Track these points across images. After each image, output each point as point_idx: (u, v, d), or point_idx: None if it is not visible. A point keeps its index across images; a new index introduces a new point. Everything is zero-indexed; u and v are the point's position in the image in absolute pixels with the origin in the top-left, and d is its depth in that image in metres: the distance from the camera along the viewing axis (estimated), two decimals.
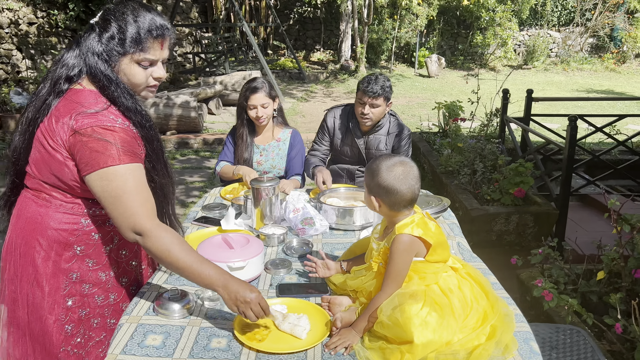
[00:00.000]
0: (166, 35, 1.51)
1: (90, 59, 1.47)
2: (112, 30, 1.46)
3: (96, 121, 1.41)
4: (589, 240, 3.21)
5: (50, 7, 9.93)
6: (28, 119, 1.52)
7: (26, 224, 1.54)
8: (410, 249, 1.42)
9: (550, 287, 2.08)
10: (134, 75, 1.51)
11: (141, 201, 1.44)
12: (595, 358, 1.84)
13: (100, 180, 1.41)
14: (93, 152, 1.39)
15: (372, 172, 1.48)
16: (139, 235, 1.43)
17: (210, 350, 1.40)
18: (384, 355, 1.36)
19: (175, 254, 1.42)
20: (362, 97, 2.78)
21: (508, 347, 1.40)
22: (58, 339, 1.55)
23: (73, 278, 1.56)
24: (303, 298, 1.66)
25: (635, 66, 14.66)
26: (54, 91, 1.49)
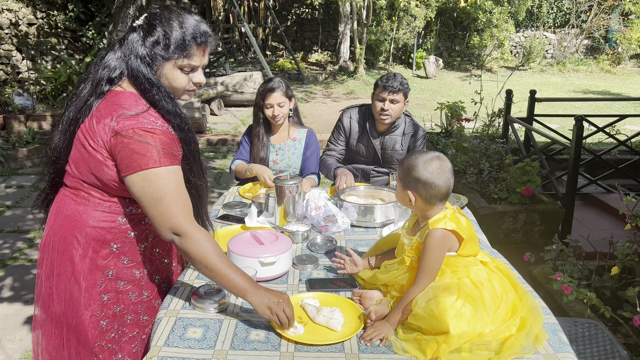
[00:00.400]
0: (209, 42, 1.54)
1: (133, 62, 1.49)
2: (157, 35, 1.48)
3: (137, 123, 1.44)
4: (594, 238, 3.28)
5: (50, 8, 9.94)
6: (69, 119, 1.54)
7: (65, 221, 1.57)
8: (444, 243, 1.47)
9: (569, 281, 2.14)
10: (176, 79, 1.54)
11: (181, 203, 1.47)
12: (614, 350, 1.89)
13: (141, 182, 1.44)
14: (134, 154, 1.43)
15: (408, 167, 1.53)
16: (178, 236, 1.47)
17: (250, 342, 1.44)
18: (419, 346, 1.41)
19: (211, 258, 1.46)
20: (381, 92, 2.82)
21: (538, 337, 1.45)
22: (93, 334, 1.59)
23: (109, 275, 1.59)
24: (333, 292, 1.70)
25: (630, 67, 14.82)
26: (96, 92, 1.52)
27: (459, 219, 1.51)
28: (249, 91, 9.65)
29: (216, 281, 1.50)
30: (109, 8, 9.51)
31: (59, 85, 8.72)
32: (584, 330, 2.02)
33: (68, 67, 8.99)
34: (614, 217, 4.56)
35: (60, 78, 8.68)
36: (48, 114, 7.20)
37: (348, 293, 1.71)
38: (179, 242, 1.47)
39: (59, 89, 8.77)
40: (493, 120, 5.63)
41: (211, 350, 1.40)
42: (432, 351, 1.38)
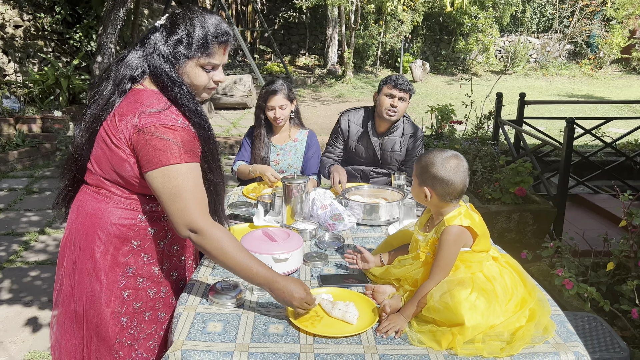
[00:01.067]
0: (229, 41, 1.58)
1: (156, 61, 1.52)
2: (180, 34, 1.52)
3: (159, 120, 1.47)
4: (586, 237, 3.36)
5: (37, 10, 9.83)
6: (92, 117, 1.57)
7: (87, 218, 1.58)
8: (459, 239, 1.52)
9: (570, 276, 2.21)
10: (197, 77, 1.57)
11: (198, 200, 1.50)
12: (614, 342, 1.96)
13: (162, 178, 1.47)
14: (156, 150, 1.45)
15: (425, 164, 1.58)
16: (194, 233, 1.49)
17: (269, 336, 1.48)
18: (435, 337, 1.45)
19: (229, 252, 1.50)
20: (392, 89, 2.90)
21: (547, 328, 1.50)
22: (114, 330, 1.60)
23: (129, 272, 1.61)
24: (345, 287, 1.74)
25: (611, 72, 15.12)
26: (118, 90, 1.54)
27: (472, 215, 1.56)
28: (238, 94, 9.67)
29: (235, 273, 1.53)
30: (97, 10, 9.45)
31: (46, 88, 8.64)
32: (584, 324, 2.09)
33: (55, 70, 8.92)
34: (602, 217, 4.68)
35: (48, 81, 8.60)
36: (38, 117, 7.15)
37: (359, 288, 1.75)
38: (196, 239, 1.50)
39: (46, 91, 8.69)
40: (483, 122, 5.73)
41: (233, 343, 1.44)
42: (447, 342, 1.43)
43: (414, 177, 1.63)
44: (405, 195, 2.42)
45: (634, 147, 6.31)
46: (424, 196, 1.59)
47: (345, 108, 3.24)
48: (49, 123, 7.12)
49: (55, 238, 4.29)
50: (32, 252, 4.02)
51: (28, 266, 3.78)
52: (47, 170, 6.29)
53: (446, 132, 5.94)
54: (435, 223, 1.60)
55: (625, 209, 2.37)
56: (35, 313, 3.17)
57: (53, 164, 6.54)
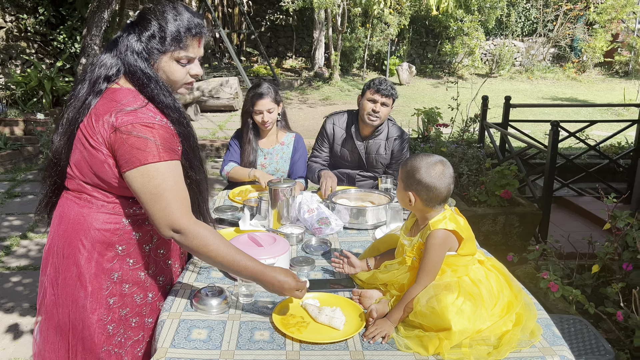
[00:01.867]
0: (203, 33, 1.56)
1: (130, 58, 1.49)
2: (152, 29, 1.49)
3: (136, 118, 1.44)
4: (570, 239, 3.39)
5: (19, 12, 9.70)
6: (68, 120, 1.54)
7: (69, 225, 1.55)
8: (444, 243, 1.51)
9: (555, 279, 2.22)
10: (173, 72, 1.55)
11: (180, 199, 1.47)
12: (599, 345, 1.97)
13: (141, 177, 1.44)
14: (133, 149, 1.42)
15: (411, 169, 1.57)
16: (177, 233, 1.46)
17: (255, 342, 1.46)
18: (422, 342, 1.45)
19: (215, 248, 1.48)
20: (374, 94, 2.88)
21: (533, 332, 1.50)
22: (100, 339, 1.57)
23: (114, 278, 1.58)
24: (332, 292, 1.73)
25: (594, 75, 15.32)
26: (93, 91, 1.51)
27: (457, 219, 1.56)
28: (225, 96, 9.62)
29: (224, 269, 1.52)
30: (81, 12, 9.35)
31: (29, 90, 8.52)
32: (570, 327, 2.10)
33: (38, 72, 8.79)
34: (586, 219, 4.73)
35: (31, 83, 8.48)
36: (20, 119, 7.04)
37: (347, 293, 1.74)
38: (180, 239, 1.47)
39: (29, 93, 8.56)
40: (469, 125, 5.76)
41: (217, 350, 1.42)
42: (434, 347, 1.42)
43: (399, 181, 1.62)
44: (392, 199, 2.42)
45: (617, 150, 6.39)
46: (408, 200, 1.58)
47: (331, 111, 3.23)
48: (31, 126, 7.02)
49: (37, 243, 4.22)
50: (13, 257, 3.94)
51: (9, 272, 3.71)
52: (30, 173, 6.20)
53: (432, 135, 5.96)
54: (421, 227, 1.60)
55: (610, 212, 2.40)
56: (16, 320, 3.11)
57: (36, 167, 6.44)
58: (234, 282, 1.78)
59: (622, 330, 2.29)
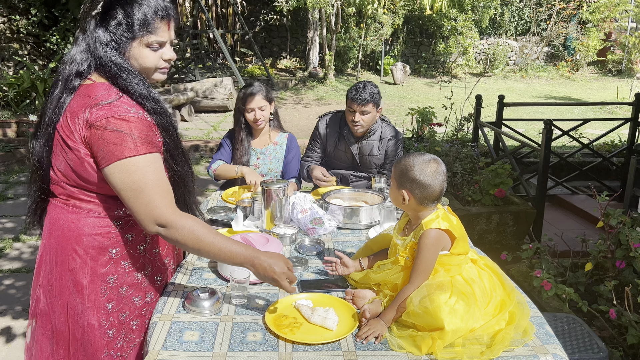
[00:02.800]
0: (171, 15, 1.52)
1: (99, 50, 1.46)
2: (118, 17, 1.45)
3: (110, 112, 1.40)
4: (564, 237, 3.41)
5: (12, 13, 9.66)
6: (45, 122, 1.50)
7: (60, 232, 1.52)
8: (437, 243, 1.51)
9: (548, 277, 2.22)
10: (145, 58, 1.51)
11: (162, 192, 1.43)
12: (592, 343, 1.97)
13: (119, 173, 1.40)
14: (109, 144, 1.39)
15: (404, 168, 1.57)
16: (163, 227, 1.43)
17: (247, 344, 1.45)
18: (414, 342, 1.44)
19: (204, 239, 1.45)
20: (351, 105, 2.85)
21: (526, 330, 1.50)
22: (101, 344, 1.55)
23: (110, 282, 1.55)
24: (325, 293, 1.72)
25: (588, 74, 15.38)
26: (67, 89, 1.47)
27: (450, 218, 1.56)
28: (219, 97, 9.60)
29: (215, 259, 1.51)
30: (74, 13, 9.32)
31: (21, 92, 8.48)
32: (563, 325, 2.10)
33: (31, 73, 8.76)
34: (580, 218, 4.74)
35: (24, 84, 8.45)
36: (12, 121, 7.00)
37: (340, 293, 1.73)
38: (166, 233, 1.44)
39: (22, 95, 8.52)
40: (463, 124, 5.77)
41: (209, 352, 1.41)
42: (427, 347, 1.42)
43: (392, 180, 1.62)
44: (385, 199, 2.42)
45: (610, 148, 6.42)
46: (402, 199, 1.58)
47: (325, 111, 3.22)
48: (24, 127, 6.98)
49: (30, 245, 4.19)
50: (6, 260, 3.92)
51: (2, 274, 3.68)
52: (23, 175, 6.16)
53: (426, 135, 5.97)
54: (414, 227, 1.59)
55: (602, 210, 2.40)
56: (9, 323, 3.09)
57: (28, 169, 6.40)
58: (226, 283, 1.77)
59: (615, 328, 2.30)
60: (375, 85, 2.92)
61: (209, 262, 1.93)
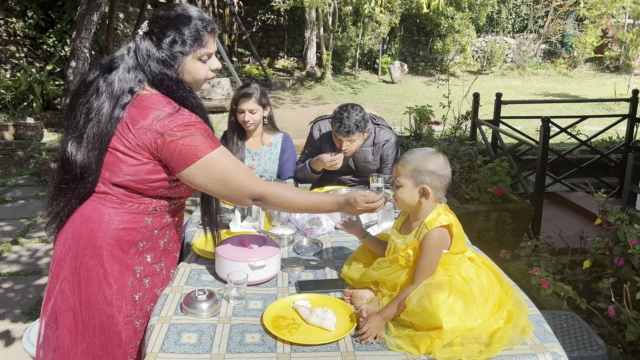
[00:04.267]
0: (216, 28, 1.64)
1: (154, 67, 1.55)
2: (171, 35, 1.55)
3: (177, 120, 1.51)
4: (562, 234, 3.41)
5: (8, 15, 9.63)
6: (95, 135, 1.54)
7: (94, 225, 1.57)
8: (441, 244, 1.52)
9: (547, 275, 2.22)
10: (197, 71, 1.62)
11: (244, 173, 1.60)
12: (591, 340, 1.97)
13: (202, 171, 1.54)
14: (185, 147, 1.51)
15: (419, 163, 1.55)
16: (258, 200, 1.63)
17: (246, 345, 1.45)
18: (413, 342, 1.44)
19: (295, 201, 1.66)
20: (336, 135, 2.79)
21: (524, 329, 1.50)
22: (128, 335, 1.61)
23: (137, 274, 1.63)
24: (323, 293, 1.72)
25: (585, 70, 15.39)
26: (119, 105, 1.54)
27: (449, 214, 1.56)
28: (216, 97, 9.59)
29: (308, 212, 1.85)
30: (71, 15, 9.28)
31: (19, 94, 8.47)
32: (562, 322, 2.10)
33: (28, 75, 8.74)
34: (579, 214, 4.75)
35: (21, 87, 8.43)
36: (10, 124, 6.98)
37: (338, 294, 1.73)
38: (263, 204, 1.65)
39: (19, 97, 8.51)
40: (461, 123, 5.77)
41: (208, 354, 1.40)
42: (425, 346, 1.42)
43: (404, 180, 1.58)
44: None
45: (609, 145, 6.42)
46: (421, 196, 1.56)
47: (319, 115, 3.18)
48: (21, 130, 6.96)
49: (29, 248, 4.19)
50: (4, 264, 3.91)
51: (0, 278, 3.68)
52: (21, 178, 6.15)
53: (424, 133, 5.97)
54: (414, 226, 1.59)
55: (600, 207, 2.40)
56: (7, 326, 3.08)
57: (26, 172, 6.40)
58: (224, 285, 1.77)
59: (614, 325, 2.30)
60: (360, 109, 2.80)
61: (206, 264, 1.93)
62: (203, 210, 1.79)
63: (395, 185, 1.62)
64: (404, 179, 1.59)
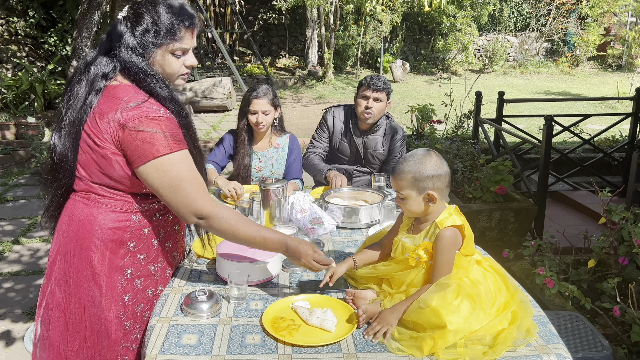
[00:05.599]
0: (196, 23, 1.57)
1: (124, 54, 1.49)
2: (145, 23, 1.49)
3: (141, 112, 1.45)
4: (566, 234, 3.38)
5: (9, 15, 9.63)
6: (71, 121, 1.51)
7: (80, 226, 1.54)
8: (455, 242, 1.51)
9: (551, 274, 2.20)
10: (169, 65, 1.56)
11: (198, 186, 1.51)
12: (596, 340, 1.95)
13: (156, 172, 1.46)
14: (143, 144, 1.44)
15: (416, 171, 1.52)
16: (202, 219, 1.52)
17: (246, 346, 1.43)
18: (416, 343, 1.42)
19: (240, 229, 1.55)
20: (365, 91, 2.90)
21: (529, 330, 1.48)
22: (117, 336, 1.59)
23: (127, 275, 1.59)
24: (325, 294, 1.70)
25: (587, 69, 15.34)
26: (93, 90, 1.51)
27: (460, 215, 1.55)
28: (218, 97, 9.58)
29: (251, 246, 1.62)
30: (72, 14, 9.28)
31: (20, 94, 8.46)
32: (566, 323, 2.08)
33: (30, 75, 8.73)
34: (582, 213, 4.72)
35: (22, 86, 8.42)
36: (11, 123, 6.98)
37: (340, 294, 1.71)
38: (205, 224, 1.53)
39: (21, 97, 8.50)
40: (463, 121, 5.74)
41: (208, 355, 1.39)
42: (428, 347, 1.40)
43: (407, 192, 1.54)
44: (385, 197, 2.39)
45: (612, 144, 6.38)
46: (428, 201, 1.54)
47: (323, 111, 3.22)
48: (23, 129, 6.96)
49: (30, 248, 4.18)
50: (5, 263, 3.90)
51: (1, 277, 3.67)
52: (22, 177, 6.15)
53: (427, 132, 5.95)
54: (424, 226, 1.57)
55: (605, 206, 2.38)
56: (8, 326, 3.07)
57: (28, 171, 6.39)
58: (224, 286, 1.75)
59: (619, 326, 2.28)
60: (387, 79, 2.98)
61: (207, 264, 1.91)
62: None
63: (399, 198, 1.58)
64: (407, 191, 1.55)
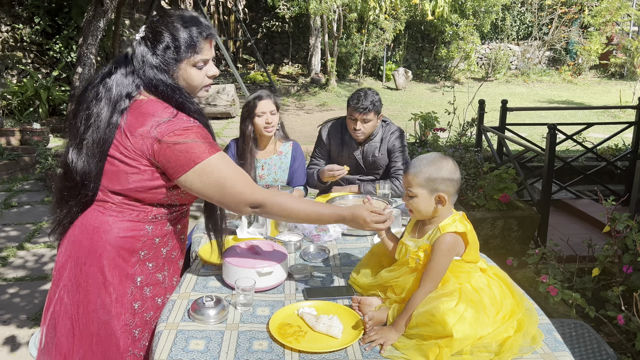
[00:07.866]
0: (213, 33, 1.60)
1: (149, 73, 1.53)
2: (165, 41, 1.53)
3: (174, 125, 1.49)
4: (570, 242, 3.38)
5: (15, 21, 9.70)
6: (95, 142, 1.53)
7: (93, 233, 1.56)
8: (453, 248, 1.50)
9: (555, 282, 2.21)
10: (193, 78, 1.59)
11: (243, 180, 1.56)
12: (601, 349, 1.95)
13: (199, 177, 1.50)
14: (183, 153, 1.48)
15: (432, 172, 1.53)
16: (257, 208, 1.58)
17: (253, 352, 1.44)
18: (421, 351, 1.42)
19: (295, 210, 1.60)
20: (352, 113, 2.86)
21: (535, 338, 1.49)
22: (126, 343, 1.59)
23: (137, 282, 1.61)
24: (331, 300, 1.71)
25: (590, 78, 15.37)
26: (117, 110, 1.53)
27: (466, 223, 1.55)
28: (221, 104, 9.62)
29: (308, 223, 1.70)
30: (77, 21, 9.35)
31: (25, 100, 8.52)
32: (571, 331, 2.08)
33: (35, 81, 8.79)
34: (585, 222, 4.72)
35: (27, 92, 8.48)
36: (16, 129, 7.02)
37: (344, 301, 1.72)
38: (262, 211, 1.59)
39: (26, 103, 8.56)
40: (466, 129, 5.75)
41: None
42: (434, 355, 1.40)
43: (418, 190, 1.55)
44: (390, 205, 2.40)
45: (614, 152, 6.39)
46: (437, 203, 1.55)
47: (326, 118, 3.23)
48: (27, 135, 7.00)
49: (34, 253, 4.19)
50: (10, 269, 3.92)
51: (6, 283, 3.68)
52: (27, 183, 6.17)
53: (430, 140, 5.96)
54: (428, 229, 1.58)
55: (609, 215, 2.39)
56: (13, 332, 3.08)
57: (32, 177, 6.42)
58: (231, 291, 1.76)
59: (623, 334, 2.28)
60: (376, 93, 2.92)
61: (213, 270, 1.92)
62: (207, 217, 1.75)
63: (408, 196, 1.58)
64: (418, 189, 1.55)
